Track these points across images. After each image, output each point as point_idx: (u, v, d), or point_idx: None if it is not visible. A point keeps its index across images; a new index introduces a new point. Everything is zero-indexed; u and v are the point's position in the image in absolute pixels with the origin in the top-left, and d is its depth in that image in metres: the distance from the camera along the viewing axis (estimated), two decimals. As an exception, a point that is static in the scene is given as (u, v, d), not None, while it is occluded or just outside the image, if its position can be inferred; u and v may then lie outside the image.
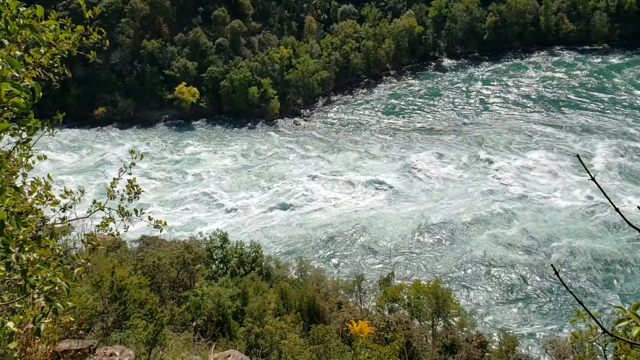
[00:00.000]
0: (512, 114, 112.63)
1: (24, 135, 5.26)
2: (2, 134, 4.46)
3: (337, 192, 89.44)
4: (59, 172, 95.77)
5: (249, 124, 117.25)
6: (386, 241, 74.31)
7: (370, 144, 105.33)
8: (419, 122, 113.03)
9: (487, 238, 73.05)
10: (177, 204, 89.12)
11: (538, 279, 64.59)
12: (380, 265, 68.63)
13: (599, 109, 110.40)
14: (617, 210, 5.07)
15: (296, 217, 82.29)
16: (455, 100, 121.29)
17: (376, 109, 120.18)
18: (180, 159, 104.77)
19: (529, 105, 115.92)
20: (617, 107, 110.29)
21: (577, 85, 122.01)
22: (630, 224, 4.70)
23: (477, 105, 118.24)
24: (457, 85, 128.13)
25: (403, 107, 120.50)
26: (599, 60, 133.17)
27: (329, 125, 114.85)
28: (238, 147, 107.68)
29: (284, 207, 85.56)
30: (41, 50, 5.32)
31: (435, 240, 74.48)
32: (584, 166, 5.24)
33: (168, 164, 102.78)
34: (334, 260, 71.38)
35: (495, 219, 77.35)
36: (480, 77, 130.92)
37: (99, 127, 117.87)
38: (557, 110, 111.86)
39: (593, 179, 5.06)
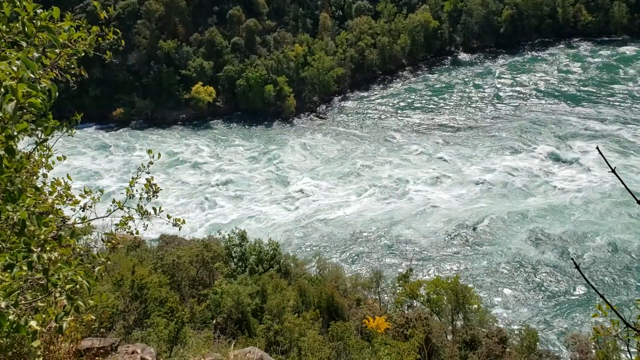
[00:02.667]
0: (542, 106, 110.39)
1: (42, 135, 5.33)
2: (21, 134, 4.53)
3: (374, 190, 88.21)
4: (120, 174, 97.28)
5: (265, 122, 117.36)
6: (423, 240, 73.19)
7: (401, 141, 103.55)
8: (442, 117, 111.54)
9: (519, 234, 71.60)
10: (245, 202, 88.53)
11: (563, 273, 63.67)
12: (409, 263, 68.10)
13: (632, 99, 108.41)
14: (638, 202, 5.00)
15: (340, 217, 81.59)
16: (477, 94, 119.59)
17: (396, 105, 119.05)
18: (235, 158, 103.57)
19: (556, 97, 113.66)
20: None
21: (602, 76, 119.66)
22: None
23: (500, 98, 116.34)
24: (476, 79, 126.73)
25: (422, 102, 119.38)
26: (620, 50, 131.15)
27: (357, 123, 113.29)
28: (292, 143, 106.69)
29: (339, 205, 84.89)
30: (56, 51, 5.38)
31: (465, 238, 72.97)
32: (604, 158, 5.17)
33: (227, 164, 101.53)
34: (359, 258, 70.66)
35: (535, 214, 75.75)
36: (499, 70, 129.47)
37: (127, 128, 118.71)
38: (588, 102, 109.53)
39: (613, 170, 4.99)
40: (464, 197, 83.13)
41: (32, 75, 4.39)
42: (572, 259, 6.01)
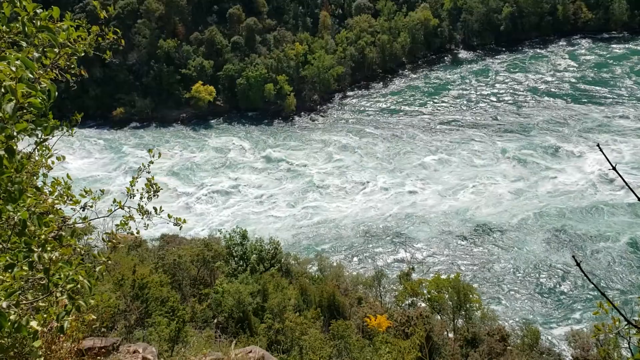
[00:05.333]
0: (553, 103, 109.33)
1: (42, 135, 5.32)
2: (21, 134, 4.53)
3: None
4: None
5: (266, 121, 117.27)
6: (432, 239, 72.83)
7: (420, 140, 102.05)
8: (451, 115, 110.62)
9: (533, 234, 70.77)
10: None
11: (567, 271, 63.40)
12: (410, 261, 67.61)
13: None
14: (639, 199, 4.99)
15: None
16: (483, 92, 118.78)
17: (400, 103, 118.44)
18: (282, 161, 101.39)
19: (566, 93, 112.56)
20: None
21: (608, 73, 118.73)
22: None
23: (508, 95, 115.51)
24: (479, 76, 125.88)
25: (428, 100, 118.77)
26: (622, 47, 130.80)
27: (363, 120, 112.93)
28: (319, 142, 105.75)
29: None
30: (55, 50, 5.38)
31: (475, 238, 72.13)
32: (605, 155, 5.16)
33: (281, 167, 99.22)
34: (365, 257, 70.13)
35: (557, 215, 74.59)
36: (501, 68, 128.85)
37: (128, 127, 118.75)
38: (600, 98, 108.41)
39: (614, 168, 4.99)
40: (487, 197, 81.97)
41: (31, 75, 4.39)
42: (573, 256, 5.99)
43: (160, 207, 7.72)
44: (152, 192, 7.83)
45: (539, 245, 68.93)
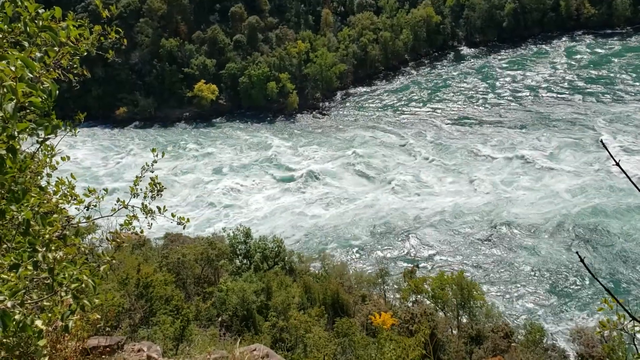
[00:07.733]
0: (565, 99, 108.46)
1: (43, 135, 5.33)
2: (22, 134, 4.54)
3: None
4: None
5: (268, 119, 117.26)
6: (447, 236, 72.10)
7: (431, 138, 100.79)
8: (459, 112, 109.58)
9: (540, 233, 69.83)
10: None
11: (569, 267, 63.08)
12: (415, 258, 67.03)
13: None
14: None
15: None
16: (488, 89, 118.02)
17: (404, 100, 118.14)
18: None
19: (575, 90, 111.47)
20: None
21: (613, 69, 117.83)
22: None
23: (515, 91, 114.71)
24: (484, 73, 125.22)
25: (430, 97, 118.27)
26: (626, 43, 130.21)
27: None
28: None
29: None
30: (55, 49, 5.39)
31: (482, 237, 71.02)
32: (608, 151, 5.15)
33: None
34: (371, 255, 69.49)
35: (573, 215, 72.71)
36: (505, 64, 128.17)
37: (131, 127, 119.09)
38: (610, 95, 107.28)
39: (617, 164, 4.97)
40: (515, 195, 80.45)
41: (31, 75, 4.40)
42: (576, 252, 5.99)
43: (164, 207, 7.73)
44: (155, 192, 7.84)
45: (555, 244, 67.81)
